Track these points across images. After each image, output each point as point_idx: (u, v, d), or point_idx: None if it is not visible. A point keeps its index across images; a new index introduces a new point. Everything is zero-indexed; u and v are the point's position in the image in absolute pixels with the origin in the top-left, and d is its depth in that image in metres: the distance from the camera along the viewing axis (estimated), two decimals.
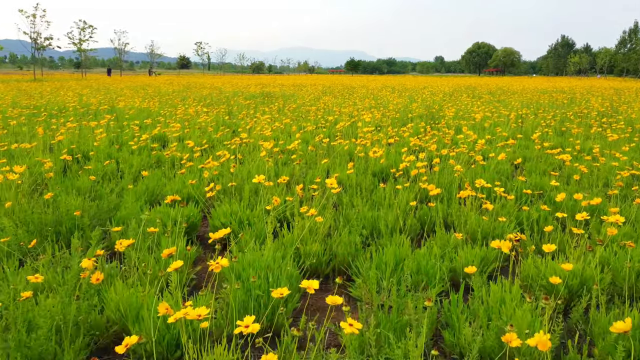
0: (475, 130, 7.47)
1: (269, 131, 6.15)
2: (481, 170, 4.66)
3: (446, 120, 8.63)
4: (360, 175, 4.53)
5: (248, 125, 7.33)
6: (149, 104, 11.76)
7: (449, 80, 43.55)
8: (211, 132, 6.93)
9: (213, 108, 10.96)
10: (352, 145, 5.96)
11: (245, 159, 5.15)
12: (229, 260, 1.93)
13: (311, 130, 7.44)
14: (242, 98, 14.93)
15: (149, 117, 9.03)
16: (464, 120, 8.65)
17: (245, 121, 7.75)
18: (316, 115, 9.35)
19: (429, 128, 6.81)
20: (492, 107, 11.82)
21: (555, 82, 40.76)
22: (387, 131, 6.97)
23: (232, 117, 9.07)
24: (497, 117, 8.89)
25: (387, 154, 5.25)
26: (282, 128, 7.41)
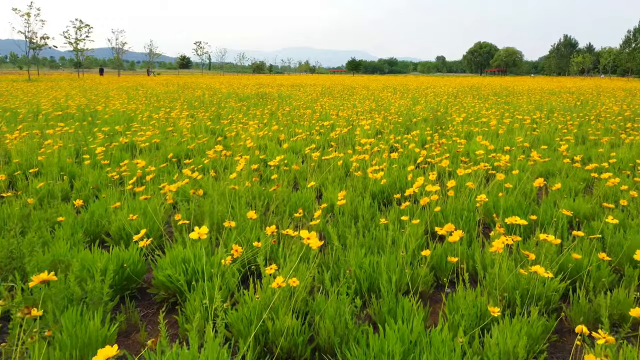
0: (488, 138, 6.65)
1: (251, 142, 5.32)
2: (503, 192, 3.84)
3: (454, 125, 7.80)
4: (357, 197, 3.71)
5: (233, 132, 6.52)
6: (134, 106, 10.96)
7: (452, 81, 42.69)
8: (186, 141, 6.11)
9: (200, 111, 10.15)
10: (349, 157, 5.15)
11: (220, 178, 4.32)
12: None
13: (304, 138, 6.62)
14: (235, 99, 14.12)
15: (127, 121, 8.23)
16: (474, 126, 7.82)
17: (231, 128, 6.94)
18: (311, 120, 8.53)
19: (436, 137, 5.99)
20: (501, 110, 10.99)
21: (560, 82, 39.87)
22: (388, 139, 6.15)
23: (217, 123, 8.25)
24: (510, 121, 8.07)
25: (389, 170, 4.43)
26: (270, 135, 6.59)
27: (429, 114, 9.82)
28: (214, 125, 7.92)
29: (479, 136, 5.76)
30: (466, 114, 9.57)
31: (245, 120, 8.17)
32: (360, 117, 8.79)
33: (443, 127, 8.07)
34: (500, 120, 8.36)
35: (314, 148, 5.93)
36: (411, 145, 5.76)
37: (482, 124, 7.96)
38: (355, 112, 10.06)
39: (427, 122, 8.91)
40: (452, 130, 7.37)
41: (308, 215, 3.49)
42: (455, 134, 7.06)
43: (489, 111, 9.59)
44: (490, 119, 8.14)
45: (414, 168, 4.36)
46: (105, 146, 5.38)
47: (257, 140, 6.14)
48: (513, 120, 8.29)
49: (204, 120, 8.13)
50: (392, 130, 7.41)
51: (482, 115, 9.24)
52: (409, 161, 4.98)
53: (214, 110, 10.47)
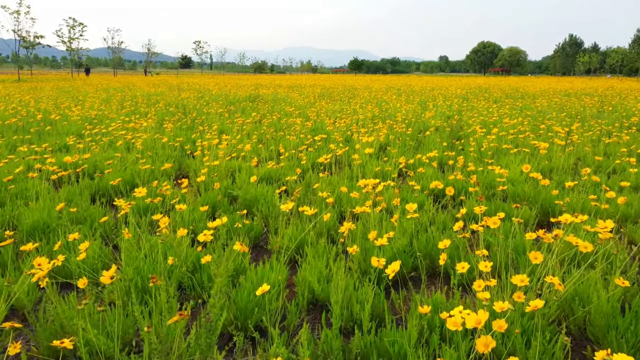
0: (525, 158, 5.22)
1: (218, 162, 3.92)
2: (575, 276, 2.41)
3: (476, 138, 6.37)
4: (351, 282, 2.29)
5: (197, 151, 5.11)
6: (102, 112, 9.59)
7: (457, 81, 41.20)
8: (126, 166, 4.69)
9: (175, 117, 8.74)
10: (344, 196, 3.73)
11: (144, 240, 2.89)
12: None
13: (289, 156, 5.21)
14: (223, 103, 12.71)
15: (79, 133, 6.83)
16: (501, 141, 6.38)
17: (197, 145, 5.52)
18: (301, 131, 7.11)
19: (460, 160, 4.55)
20: (522, 115, 9.56)
21: (571, 82, 38.30)
22: (396, 163, 4.73)
23: (188, 134, 6.84)
24: (541, 132, 6.63)
25: (401, 228, 3.00)
26: (245, 155, 5.18)
27: (442, 123, 8.40)
28: (182, 136, 6.51)
29: (514, 160, 4.33)
30: (484, 121, 8.14)
31: (228, 125, 6.75)
32: (361, 129, 7.37)
33: (462, 141, 6.64)
34: (529, 130, 6.93)
35: (298, 175, 4.52)
36: (428, 171, 4.33)
37: (508, 135, 6.53)
38: (356, 119, 8.64)
39: (440, 132, 7.49)
40: (474, 145, 5.95)
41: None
42: (476, 153, 5.63)
43: (513, 120, 8.14)
44: (519, 130, 6.71)
45: (440, 225, 2.93)
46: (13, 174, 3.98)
47: (225, 164, 4.72)
48: (544, 130, 6.85)
49: (172, 131, 6.71)
50: (400, 147, 5.99)
51: (504, 125, 7.81)
52: (430, 206, 3.55)
53: (193, 117, 9.07)
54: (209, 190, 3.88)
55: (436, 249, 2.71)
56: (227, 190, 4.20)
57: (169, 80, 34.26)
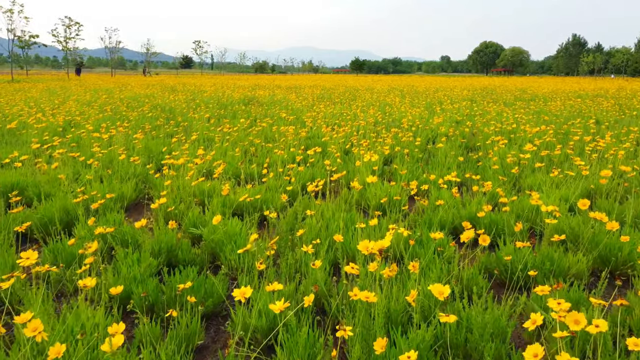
0: (563, 182, 4.32)
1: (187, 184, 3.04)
2: None
3: (497, 151, 5.47)
4: None
5: (166, 167, 4.22)
6: (82, 116, 8.72)
7: (460, 81, 40.26)
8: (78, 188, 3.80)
9: (149, 127, 7.87)
10: (339, 247, 2.85)
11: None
12: None
13: (272, 182, 4.32)
14: (214, 106, 11.82)
15: (40, 141, 5.94)
16: (530, 156, 5.46)
17: (168, 160, 4.63)
18: (293, 141, 6.22)
19: (488, 186, 3.63)
20: (540, 122, 8.66)
21: (578, 83, 37.29)
22: (407, 189, 3.82)
23: (157, 149, 5.95)
24: (573, 143, 5.73)
25: (421, 313, 2.10)
26: (222, 173, 4.30)
27: (453, 130, 7.51)
28: (155, 147, 5.62)
29: (545, 180, 3.42)
30: (502, 129, 7.24)
31: (211, 134, 5.85)
32: (362, 139, 6.48)
33: (479, 153, 5.75)
34: (553, 137, 6.03)
35: (282, 205, 3.64)
36: (445, 196, 3.45)
37: (535, 147, 5.63)
38: (357, 126, 7.74)
39: (452, 142, 6.59)
40: (496, 160, 5.05)
41: None
42: (500, 172, 4.74)
43: (534, 128, 7.23)
44: (545, 141, 5.81)
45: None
46: None
47: (194, 188, 3.82)
48: (575, 141, 5.95)
49: (140, 142, 5.81)
50: (409, 163, 5.09)
51: (527, 134, 6.91)
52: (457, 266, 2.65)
53: (175, 123, 8.19)
54: (167, 229, 2.99)
55: None
56: (193, 224, 3.31)
57: (166, 81, 33.37)
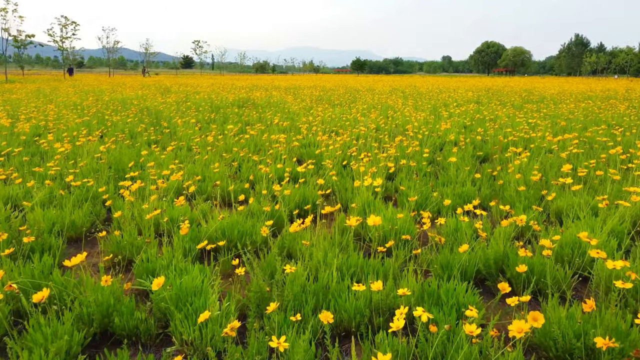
0: (605, 209, 3.59)
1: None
2: None
3: (518, 165, 4.73)
4: None
5: (131, 186, 3.49)
6: (56, 122, 8.00)
7: (463, 82, 39.51)
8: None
9: (134, 130, 7.15)
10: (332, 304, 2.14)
11: None
12: None
13: (256, 205, 3.59)
14: (206, 110, 11.11)
15: None
16: (551, 167, 4.73)
17: (131, 179, 3.91)
18: (283, 152, 5.49)
19: (522, 219, 2.89)
20: (555, 127, 7.93)
21: (584, 83, 36.49)
22: (416, 217, 3.09)
23: (128, 157, 5.22)
24: (604, 160, 4.99)
25: None
26: (193, 193, 3.58)
27: (463, 137, 6.78)
28: (120, 162, 4.88)
29: (580, 203, 2.69)
30: (516, 136, 6.51)
31: (193, 142, 5.11)
32: (362, 149, 5.76)
33: (498, 169, 5.01)
34: (577, 146, 5.30)
35: (263, 240, 2.92)
36: (464, 230, 2.74)
37: (569, 167, 4.91)
38: (357, 134, 7.02)
39: (463, 151, 5.87)
40: (517, 177, 4.32)
41: None
42: (528, 195, 4.01)
43: (556, 137, 6.50)
44: (572, 153, 5.08)
45: None
46: None
47: (154, 218, 3.09)
48: (595, 146, 5.21)
49: (103, 155, 5.08)
50: (416, 182, 4.36)
51: (550, 145, 6.18)
52: None
53: (154, 131, 7.48)
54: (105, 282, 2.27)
55: None
56: (145, 270, 2.59)
57: (163, 81, 32.66)
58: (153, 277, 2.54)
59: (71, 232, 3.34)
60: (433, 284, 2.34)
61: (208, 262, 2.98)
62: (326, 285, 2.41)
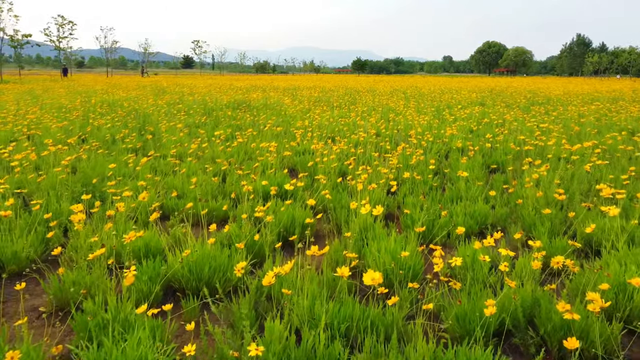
0: None
1: None
2: None
3: (537, 180, 4.19)
4: None
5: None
6: (22, 127, 7.48)
7: (465, 82, 38.97)
8: None
9: (116, 136, 6.62)
10: None
11: None
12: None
13: (235, 231, 3.06)
14: (197, 113, 10.59)
15: None
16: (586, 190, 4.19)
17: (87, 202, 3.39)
18: (273, 163, 4.96)
19: (558, 260, 2.35)
20: (566, 132, 7.40)
21: (588, 84, 35.92)
22: (425, 252, 2.56)
23: (96, 171, 4.69)
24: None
25: None
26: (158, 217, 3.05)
27: (470, 143, 6.25)
28: (88, 175, 4.34)
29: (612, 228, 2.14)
30: (528, 142, 5.97)
31: (172, 151, 4.57)
32: (361, 158, 5.22)
33: (514, 184, 4.48)
34: (601, 157, 4.76)
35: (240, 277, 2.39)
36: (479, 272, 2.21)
37: (608, 190, 4.37)
38: (355, 140, 6.49)
39: (472, 161, 5.33)
40: (539, 195, 3.79)
41: None
42: (555, 218, 3.47)
43: (574, 146, 5.96)
44: (596, 165, 4.54)
45: None
46: None
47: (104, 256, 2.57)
48: (616, 154, 4.66)
49: (86, 162, 4.54)
50: (423, 201, 3.83)
51: (570, 156, 5.65)
52: None
53: (135, 138, 6.95)
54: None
55: None
56: (83, 327, 2.06)
57: (161, 82, 32.11)
58: (95, 334, 2.00)
59: (13, 265, 2.81)
60: (449, 354, 1.80)
61: (174, 302, 2.45)
62: (312, 349, 1.88)
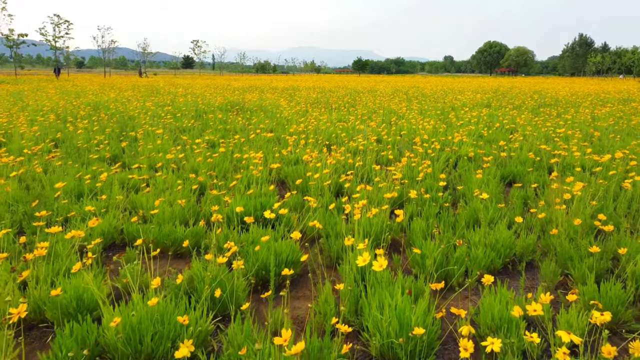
0: None
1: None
2: None
3: (568, 201, 3.53)
4: None
5: None
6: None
7: (467, 82, 38.27)
8: None
9: (89, 143, 5.95)
10: None
11: None
12: None
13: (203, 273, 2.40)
14: (185, 116, 9.93)
15: None
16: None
17: None
18: (259, 178, 4.29)
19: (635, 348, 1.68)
20: (586, 137, 6.73)
21: (594, 84, 35.20)
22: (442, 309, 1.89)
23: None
24: None
25: None
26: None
27: (483, 152, 5.58)
28: (21, 198, 3.68)
29: None
30: (550, 153, 5.30)
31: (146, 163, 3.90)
32: (360, 171, 4.55)
33: (541, 206, 3.81)
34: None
35: None
36: None
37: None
38: (354, 148, 5.82)
39: (487, 173, 4.67)
40: (576, 223, 3.13)
41: None
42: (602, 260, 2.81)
43: (603, 156, 5.28)
44: (632, 177, 3.87)
45: None
46: None
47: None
48: None
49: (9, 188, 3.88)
50: (438, 238, 3.16)
51: (583, 159, 4.97)
52: None
53: (106, 147, 6.29)
54: None
55: None
56: None
57: (158, 82, 31.46)
58: None
59: None
60: None
61: None
62: None
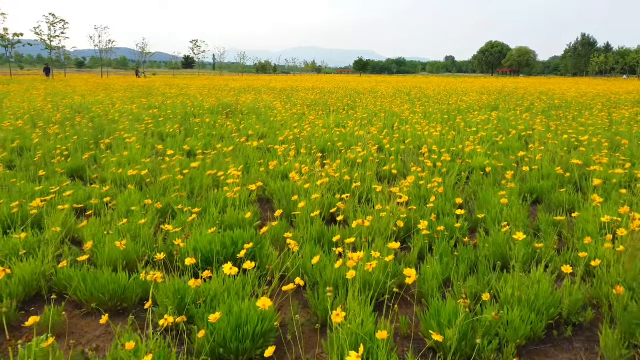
0: None
1: None
2: None
3: (614, 230, 2.76)
4: None
5: None
6: None
7: (470, 83, 37.46)
8: None
9: (51, 153, 5.20)
10: None
11: None
12: None
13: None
14: (170, 120, 9.18)
15: None
16: None
17: None
18: (236, 203, 3.53)
19: None
20: (612, 147, 5.97)
21: (599, 84, 34.37)
22: None
23: None
24: None
25: None
26: None
27: (497, 161, 4.82)
28: None
29: None
30: (598, 171, 4.53)
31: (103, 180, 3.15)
32: (358, 192, 3.79)
33: (577, 240, 3.03)
34: None
35: None
36: None
37: None
38: (352, 160, 5.05)
39: (508, 191, 3.91)
40: (633, 274, 2.36)
41: None
42: None
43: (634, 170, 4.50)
44: None
45: None
46: None
47: None
48: None
49: None
50: (461, 312, 2.40)
51: (625, 177, 4.21)
52: None
53: (73, 157, 5.53)
54: None
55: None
56: None
57: (155, 82, 30.69)
58: None
59: None
60: None
61: None
62: None
